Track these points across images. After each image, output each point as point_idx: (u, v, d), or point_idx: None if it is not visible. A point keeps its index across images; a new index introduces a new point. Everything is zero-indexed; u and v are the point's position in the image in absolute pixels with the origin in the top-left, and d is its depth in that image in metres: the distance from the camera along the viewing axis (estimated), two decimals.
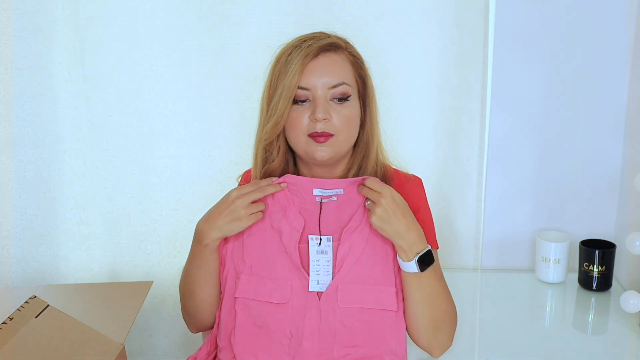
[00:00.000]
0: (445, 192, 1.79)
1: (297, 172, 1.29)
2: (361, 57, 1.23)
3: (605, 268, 1.63)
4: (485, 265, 1.83)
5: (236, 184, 1.36)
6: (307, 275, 1.17)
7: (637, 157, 1.65)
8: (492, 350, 1.40)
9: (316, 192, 1.21)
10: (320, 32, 1.22)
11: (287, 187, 1.22)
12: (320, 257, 1.18)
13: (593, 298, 1.64)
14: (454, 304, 1.25)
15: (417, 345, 1.23)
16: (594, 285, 1.65)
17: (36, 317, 1.13)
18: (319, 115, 1.14)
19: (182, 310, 1.31)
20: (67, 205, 1.81)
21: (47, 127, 1.76)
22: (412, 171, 1.33)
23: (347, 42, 1.22)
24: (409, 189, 1.27)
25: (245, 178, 1.34)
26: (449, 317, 1.22)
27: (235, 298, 1.19)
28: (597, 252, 1.63)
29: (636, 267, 1.60)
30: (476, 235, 1.82)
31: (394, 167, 1.31)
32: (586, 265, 1.65)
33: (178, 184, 1.81)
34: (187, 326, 1.32)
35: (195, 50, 1.72)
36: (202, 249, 1.21)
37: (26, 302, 1.15)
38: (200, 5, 1.69)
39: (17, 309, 1.12)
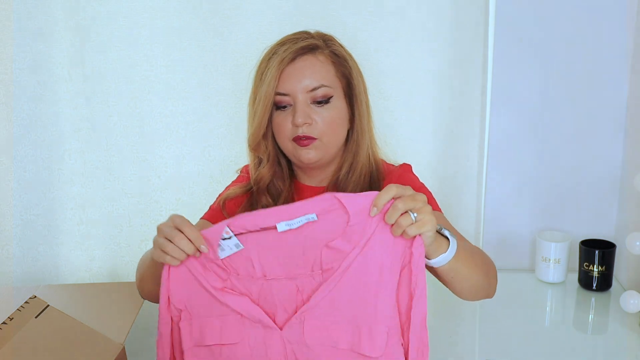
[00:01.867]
0: (445, 192, 1.79)
1: (291, 174, 1.28)
2: (345, 54, 1.20)
3: (605, 268, 1.63)
4: None
5: (235, 177, 1.35)
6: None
7: (637, 157, 1.64)
8: (492, 350, 1.40)
9: (281, 227, 0.96)
10: (302, 32, 1.20)
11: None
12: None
13: (593, 298, 1.64)
14: (479, 247, 1.16)
15: (475, 300, 1.11)
16: (594, 285, 1.65)
17: (36, 317, 1.13)
18: (299, 120, 1.13)
19: (136, 285, 1.19)
20: (67, 205, 1.81)
21: (47, 127, 1.76)
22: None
23: (328, 40, 1.20)
24: (397, 174, 1.24)
25: (246, 170, 1.33)
26: (489, 261, 1.11)
27: (183, 351, 1.01)
28: (597, 252, 1.63)
29: (636, 267, 1.60)
30: (476, 235, 1.82)
31: (387, 162, 1.28)
32: (586, 265, 1.65)
33: (178, 184, 1.81)
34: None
35: (195, 50, 1.72)
36: (152, 262, 1.05)
37: (26, 302, 1.15)
38: (199, 6, 1.69)
39: (17, 309, 1.12)
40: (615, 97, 1.69)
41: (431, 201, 1.22)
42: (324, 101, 1.16)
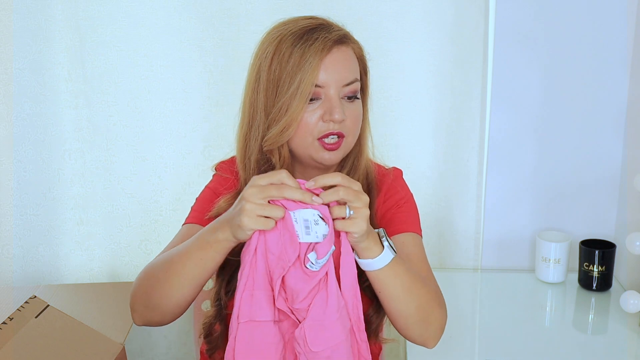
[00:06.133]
0: (445, 192, 1.79)
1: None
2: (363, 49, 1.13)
3: (605, 268, 1.63)
4: (485, 265, 1.83)
5: (211, 175, 1.29)
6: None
7: (637, 157, 1.64)
8: (492, 350, 1.40)
9: (311, 256, 0.94)
10: (320, 18, 1.12)
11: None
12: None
13: (593, 298, 1.64)
14: (438, 287, 1.10)
15: (410, 340, 1.08)
16: (594, 285, 1.65)
17: (36, 317, 1.13)
18: (337, 116, 1.02)
19: (136, 296, 1.03)
20: (67, 205, 1.81)
21: (47, 127, 1.76)
22: (411, 170, 1.32)
23: (350, 33, 1.13)
24: (392, 182, 1.20)
25: (223, 169, 1.26)
26: (436, 302, 1.06)
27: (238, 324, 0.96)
28: (597, 252, 1.63)
29: (636, 267, 1.60)
30: (476, 235, 1.82)
31: (374, 161, 1.22)
32: (586, 265, 1.65)
33: (178, 184, 1.81)
34: (133, 315, 1.05)
35: (195, 50, 1.72)
36: (208, 244, 0.96)
37: (26, 302, 1.15)
38: (200, 5, 1.69)
39: (17, 309, 1.12)
40: (615, 97, 1.69)
41: (413, 217, 1.18)
42: (354, 96, 1.07)
